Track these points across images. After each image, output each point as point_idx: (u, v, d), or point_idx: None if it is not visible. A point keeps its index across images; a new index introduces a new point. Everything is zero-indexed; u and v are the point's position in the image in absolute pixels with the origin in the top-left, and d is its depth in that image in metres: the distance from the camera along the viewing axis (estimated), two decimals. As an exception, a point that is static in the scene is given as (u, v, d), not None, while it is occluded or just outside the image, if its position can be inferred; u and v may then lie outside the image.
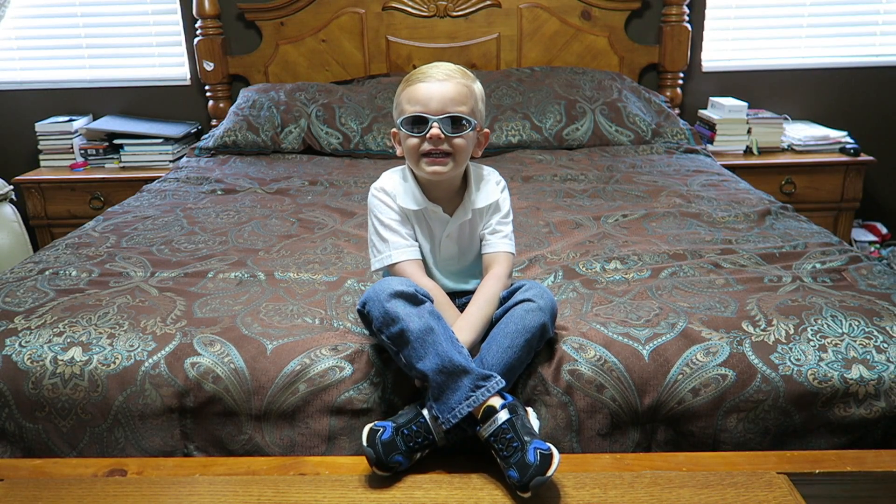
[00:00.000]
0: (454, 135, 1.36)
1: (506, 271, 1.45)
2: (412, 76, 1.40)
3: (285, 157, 2.92)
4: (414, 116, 1.36)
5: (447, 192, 1.45)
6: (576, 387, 1.34)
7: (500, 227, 1.48)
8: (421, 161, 1.38)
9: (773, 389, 1.32)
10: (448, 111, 1.35)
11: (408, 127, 1.37)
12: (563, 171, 2.60)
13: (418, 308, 1.27)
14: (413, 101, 1.37)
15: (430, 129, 1.35)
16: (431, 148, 1.36)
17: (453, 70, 1.39)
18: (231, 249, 1.91)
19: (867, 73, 3.35)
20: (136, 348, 1.41)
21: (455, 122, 1.36)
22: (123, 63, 3.44)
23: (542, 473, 1.11)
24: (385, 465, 1.19)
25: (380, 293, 1.27)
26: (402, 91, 1.40)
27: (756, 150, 3.12)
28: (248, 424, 1.36)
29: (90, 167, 3.25)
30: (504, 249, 1.46)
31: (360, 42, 3.30)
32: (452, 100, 1.35)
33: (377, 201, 1.45)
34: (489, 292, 1.40)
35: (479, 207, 1.46)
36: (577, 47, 3.29)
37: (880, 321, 1.42)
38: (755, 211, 2.08)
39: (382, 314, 1.26)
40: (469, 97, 1.38)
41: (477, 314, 1.36)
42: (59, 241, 2.00)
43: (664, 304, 1.51)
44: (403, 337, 1.25)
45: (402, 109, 1.39)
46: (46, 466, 1.31)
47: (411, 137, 1.37)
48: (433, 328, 1.24)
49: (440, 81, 1.36)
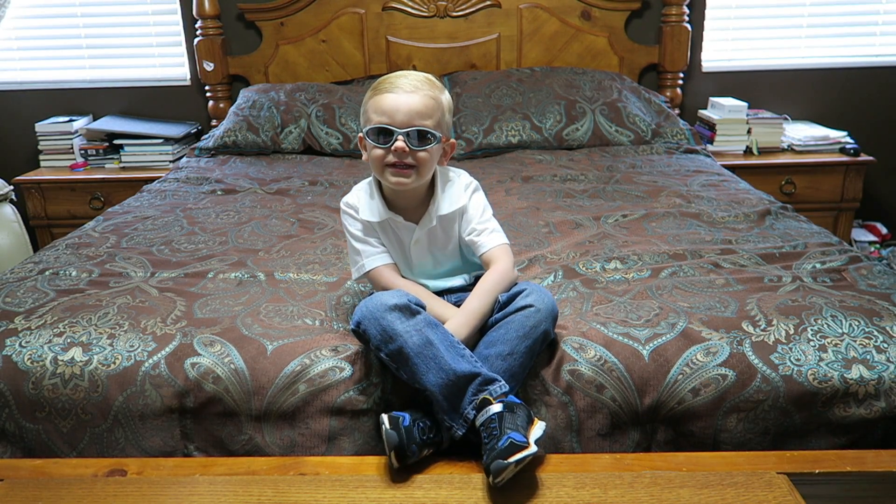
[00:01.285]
0: (419, 148, 1.36)
1: (506, 264, 1.43)
2: (380, 85, 1.39)
3: (285, 158, 2.92)
4: (379, 128, 1.36)
5: (413, 200, 1.46)
6: (576, 387, 1.34)
7: (481, 225, 1.46)
8: (385, 171, 1.38)
9: (773, 389, 1.32)
10: (414, 124, 1.35)
11: (373, 137, 1.37)
12: (563, 171, 2.60)
13: (414, 320, 1.27)
14: (379, 112, 1.36)
15: (395, 142, 1.34)
16: (396, 160, 1.36)
17: (421, 81, 1.38)
18: (231, 250, 1.91)
19: (867, 73, 3.35)
20: (136, 349, 1.41)
21: (420, 135, 1.35)
22: (123, 63, 3.44)
23: (504, 458, 1.11)
24: (404, 451, 1.21)
25: (374, 310, 1.28)
26: (369, 99, 1.39)
27: (756, 151, 3.12)
28: (248, 425, 1.36)
29: (90, 167, 3.25)
30: (496, 244, 1.45)
31: (360, 42, 3.30)
32: (419, 113, 1.35)
33: (345, 215, 1.49)
34: (488, 285, 1.39)
35: (443, 214, 1.45)
36: (577, 47, 3.29)
37: (880, 321, 1.42)
38: (755, 211, 2.08)
39: (380, 332, 1.27)
40: (436, 110, 1.37)
41: (475, 309, 1.37)
42: (59, 242, 2.00)
43: (664, 304, 1.51)
44: (403, 354, 1.25)
45: (368, 118, 1.38)
46: (46, 466, 1.31)
47: (376, 148, 1.37)
48: (431, 341, 1.25)
49: (407, 93, 1.35)
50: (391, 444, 1.20)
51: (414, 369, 1.25)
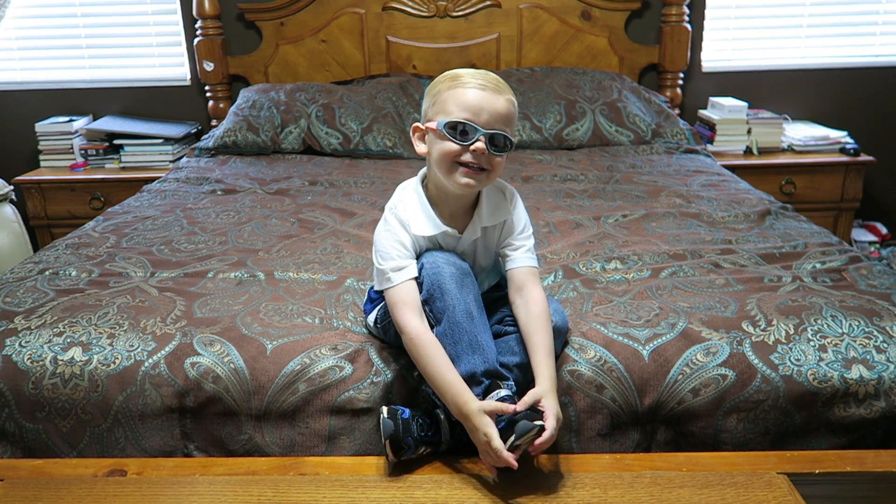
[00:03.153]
0: (497, 153, 1.28)
1: (541, 290, 1.36)
2: (462, 77, 1.29)
3: (285, 158, 2.92)
4: (463, 123, 1.26)
5: (461, 207, 1.37)
6: (576, 387, 1.34)
7: (518, 241, 1.39)
8: (455, 170, 1.28)
9: (773, 389, 1.32)
10: (496, 128, 1.26)
11: (451, 132, 1.26)
12: (563, 171, 2.60)
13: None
14: (463, 106, 1.26)
15: (476, 142, 1.25)
16: (471, 160, 1.27)
17: (502, 82, 1.30)
18: (231, 249, 1.91)
19: (867, 73, 3.35)
20: (136, 348, 1.41)
21: (500, 140, 1.27)
22: (123, 63, 3.44)
23: (531, 420, 1.15)
24: (400, 442, 1.21)
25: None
26: (449, 89, 1.29)
27: (756, 151, 3.12)
28: (248, 424, 1.36)
29: (90, 167, 3.25)
30: (528, 264, 1.38)
31: (360, 42, 3.30)
32: (503, 117, 1.27)
33: (390, 226, 1.34)
34: (541, 322, 1.31)
35: (487, 226, 1.38)
36: (577, 47, 3.29)
37: (880, 321, 1.42)
38: (755, 211, 2.08)
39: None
40: (514, 117, 1.31)
41: (550, 361, 1.27)
42: (59, 242, 2.00)
43: (664, 304, 1.51)
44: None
45: (446, 110, 1.27)
46: (46, 466, 1.31)
47: (453, 143, 1.27)
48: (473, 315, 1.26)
49: (494, 93, 1.27)
50: (387, 432, 1.20)
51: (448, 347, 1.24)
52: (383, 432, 1.21)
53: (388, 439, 1.21)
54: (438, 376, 1.22)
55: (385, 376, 1.37)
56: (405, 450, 1.23)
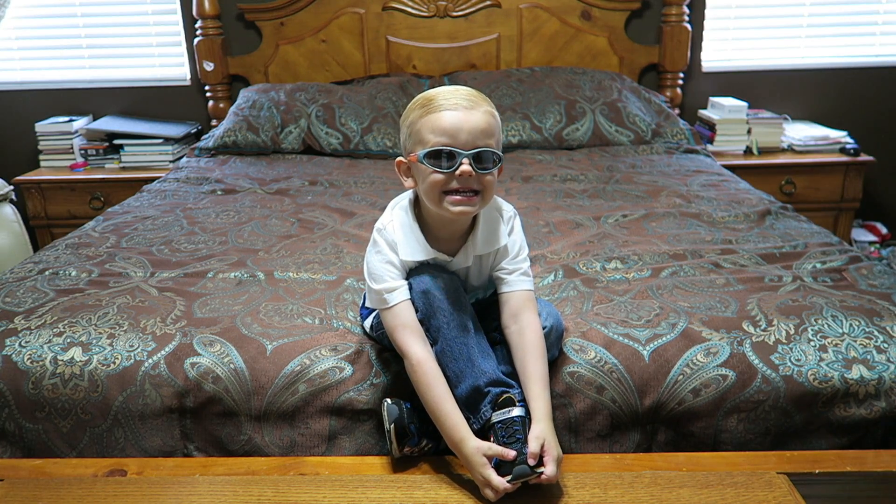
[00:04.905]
0: (485, 172, 1.21)
1: (536, 317, 1.31)
2: (432, 102, 1.23)
3: (285, 158, 2.92)
4: (441, 150, 1.20)
5: (456, 232, 1.32)
6: (576, 388, 1.34)
7: (513, 265, 1.34)
8: (444, 200, 1.23)
9: (774, 390, 1.32)
10: (478, 145, 1.20)
11: (432, 161, 1.21)
12: (563, 171, 2.60)
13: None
14: (438, 132, 1.20)
15: (460, 166, 1.19)
16: (459, 186, 1.21)
17: (475, 95, 1.24)
18: (231, 249, 1.91)
19: (867, 73, 3.35)
20: (135, 348, 1.41)
21: (486, 157, 1.21)
22: (123, 63, 3.44)
23: (531, 467, 1.13)
24: (405, 428, 1.21)
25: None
26: (420, 118, 1.23)
27: (756, 150, 3.12)
28: (247, 425, 1.36)
29: (90, 167, 3.25)
30: (523, 288, 1.32)
31: (360, 42, 3.30)
32: (483, 132, 1.21)
33: (379, 248, 1.31)
34: (537, 351, 1.27)
35: (479, 255, 1.33)
36: (577, 47, 3.29)
37: (881, 321, 1.42)
38: (755, 211, 2.08)
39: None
40: (496, 128, 1.24)
41: (546, 394, 1.24)
42: (59, 242, 2.00)
43: (664, 304, 1.51)
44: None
45: (423, 140, 1.22)
46: (46, 466, 1.31)
47: (436, 173, 1.21)
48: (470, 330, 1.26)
49: (468, 110, 1.21)
50: (391, 416, 1.20)
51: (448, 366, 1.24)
52: (388, 417, 1.21)
53: (393, 423, 1.21)
54: (436, 406, 1.21)
55: (385, 378, 1.37)
56: (409, 438, 1.22)
